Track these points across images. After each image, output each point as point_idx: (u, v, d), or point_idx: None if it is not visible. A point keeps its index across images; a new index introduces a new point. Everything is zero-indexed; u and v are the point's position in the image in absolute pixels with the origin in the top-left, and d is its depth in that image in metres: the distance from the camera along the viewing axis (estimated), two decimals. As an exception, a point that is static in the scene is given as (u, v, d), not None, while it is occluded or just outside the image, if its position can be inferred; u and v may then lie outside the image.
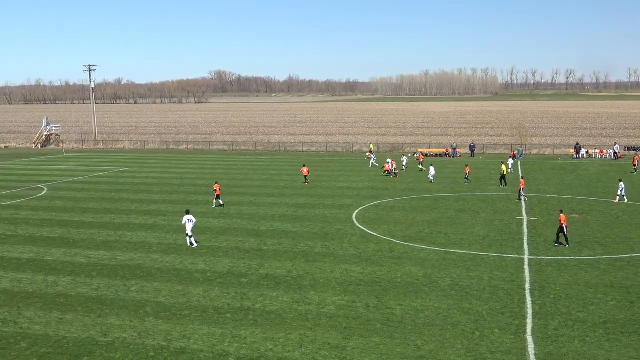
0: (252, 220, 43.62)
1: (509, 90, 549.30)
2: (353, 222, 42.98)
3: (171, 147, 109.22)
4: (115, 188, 59.93)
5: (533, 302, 26.48)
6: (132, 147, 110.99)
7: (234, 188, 58.68)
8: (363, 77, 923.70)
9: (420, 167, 71.47)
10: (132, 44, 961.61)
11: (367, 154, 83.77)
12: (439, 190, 55.88)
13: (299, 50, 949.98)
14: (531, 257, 33.56)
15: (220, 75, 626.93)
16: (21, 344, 22.90)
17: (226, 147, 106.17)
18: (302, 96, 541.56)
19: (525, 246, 35.84)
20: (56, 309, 26.49)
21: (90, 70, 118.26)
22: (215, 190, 49.30)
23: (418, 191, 55.44)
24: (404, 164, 71.05)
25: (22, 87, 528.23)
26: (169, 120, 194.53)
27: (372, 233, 39.53)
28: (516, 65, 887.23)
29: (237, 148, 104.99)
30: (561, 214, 36.04)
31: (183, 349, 22.22)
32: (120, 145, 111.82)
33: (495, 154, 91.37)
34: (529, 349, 21.80)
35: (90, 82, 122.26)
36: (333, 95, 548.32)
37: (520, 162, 79.62)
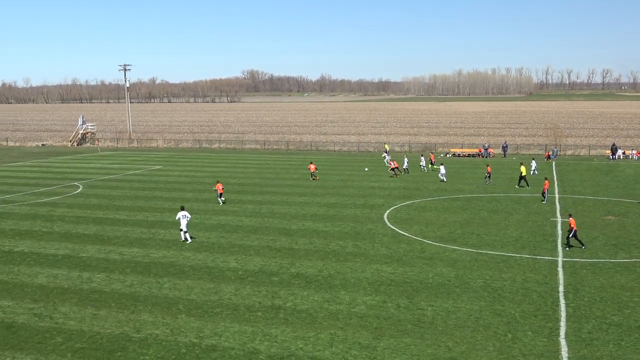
0: (284, 219, 43.77)
1: (544, 90, 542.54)
2: (384, 222, 42.87)
3: (204, 146, 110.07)
4: (149, 186, 60.63)
5: (567, 305, 26.13)
6: (165, 145, 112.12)
7: (266, 187, 58.94)
8: (395, 77, 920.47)
9: (432, 166, 71.23)
10: (167, 44, 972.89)
11: (383, 154, 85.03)
12: (471, 190, 55.44)
13: (331, 50, 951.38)
14: (565, 259, 33.11)
15: (252, 74, 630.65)
16: (56, 338, 23.31)
17: (258, 147, 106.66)
18: (334, 96, 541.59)
19: (559, 248, 35.37)
20: (90, 304, 26.91)
21: (125, 70, 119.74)
22: (218, 189, 50.34)
23: (450, 191, 55.06)
24: (405, 164, 71.25)
25: (59, 86, 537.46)
26: (202, 119, 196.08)
27: (403, 233, 39.38)
28: (551, 65, 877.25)
29: (269, 147, 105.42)
30: (570, 218, 35.55)
31: (214, 347, 22.40)
32: (154, 144, 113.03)
33: (530, 154, 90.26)
34: (562, 352, 21.51)
35: (125, 81, 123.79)
36: (365, 95, 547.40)
37: (555, 162, 78.58)
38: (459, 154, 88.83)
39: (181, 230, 37.92)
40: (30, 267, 32.59)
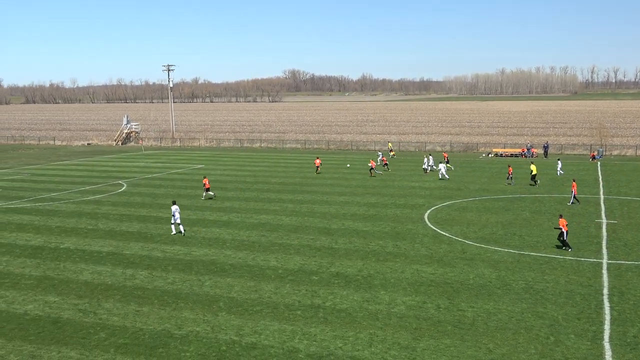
0: (324, 219, 43.84)
1: (589, 89, 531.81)
2: (425, 222, 42.60)
3: (245, 145, 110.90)
4: (191, 185, 61.35)
5: (611, 308, 25.60)
6: (207, 145, 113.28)
7: (306, 186, 59.11)
8: (437, 76, 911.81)
9: (448, 165, 70.38)
10: (209, 44, 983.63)
11: (392, 152, 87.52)
12: (514, 191, 54.71)
13: (372, 49, 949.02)
14: (610, 261, 32.44)
15: (294, 74, 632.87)
16: (100, 334, 23.77)
17: (299, 146, 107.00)
18: (375, 95, 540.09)
19: (604, 250, 34.66)
20: (133, 301, 27.36)
21: (168, 70, 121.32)
22: (205, 184, 52.61)
23: (492, 192, 54.44)
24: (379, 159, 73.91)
25: (105, 86, 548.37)
26: (244, 118, 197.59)
27: (444, 233, 39.09)
28: (597, 64, 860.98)
29: (310, 147, 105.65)
30: (560, 219, 35.00)
31: (254, 344, 22.57)
32: (196, 143, 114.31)
33: (574, 154, 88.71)
34: (606, 356, 21.10)
35: (169, 81, 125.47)
36: (406, 94, 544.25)
37: (600, 163, 77.01)
38: (501, 154, 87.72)
39: (177, 223, 39.84)
40: (75, 264, 33.30)
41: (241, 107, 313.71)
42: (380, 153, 77.94)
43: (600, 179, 62.60)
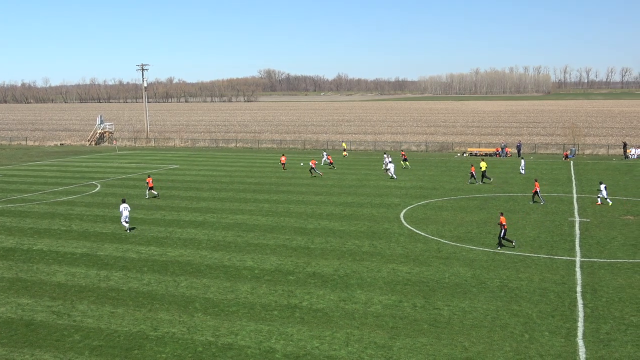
0: (300, 219, 43.82)
1: (562, 89, 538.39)
2: (401, 221, 42.78)
3: (221, 145, 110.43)
4: (166, 185, 60.94)
5: (584, 305, 25.94)
6: (182, 145, 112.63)
7: (282, 186, 59.03)
8: (412, 76, 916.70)
9: (405, 163, 72.19)
10: (184, 43, 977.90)
11: (343, 153, 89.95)
12: (488, 190, 55.17)
13: (347, 49, 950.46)
14: (583, 259, 32.85)
15: (269, 74, 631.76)
16: (74, 336, 23.51)
17: (275, 146, 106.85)
18: (351, 95, 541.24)
19: (577, 248, 35.10)
20: (108, 302, 27.11)
21: (142, 70, 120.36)
22: (148, 182, 53.50)
23: (467, 191, 54.84)
24: (323, 159, 75.51)
25: (78, 86, 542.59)
26: (219, 118, 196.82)
27: (419, 233, 39.29)
28: (569, 64, 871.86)
29: (286, 146, 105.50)
30: (501, 216, 35.44)
31: (230, 345, 22.49)
32: (171, 143, 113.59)
33: (547, 153, 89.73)
34: (579, 353, 21.36)
35: (143, 81, 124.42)
36: (382, 94, 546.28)
37: (573, 162, 77.98)
38: (475, 154, 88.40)
39: (125, 221, 40.59)
40: (48, 265, 32.89)
41: (216, 107, 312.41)
42: (325, 153, 78.27)
43: (573, 177, 63.39)
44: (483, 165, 59.89)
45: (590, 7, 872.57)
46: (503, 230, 34.95)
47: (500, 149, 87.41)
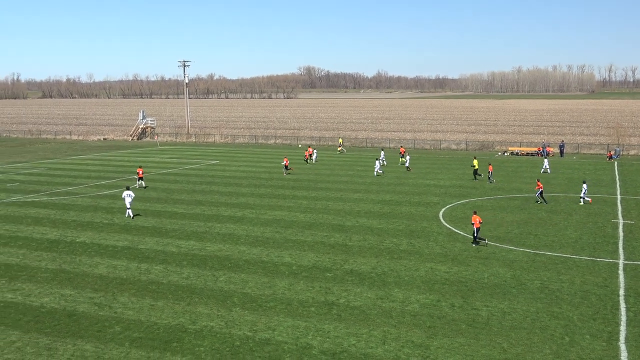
0: (338, 216, 43.82)
1: (607, 88, 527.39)
2: (440, 220, 42.48)
3: (260, 141, 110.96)
4: (206, 180, 61.55)
5: (627, 309, 25.42)
6: (222, 140, 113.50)
7: (320, 183, 59.10)
8: (453, 74, 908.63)
9: (402, 159, 73.07)
10: (225, 40, 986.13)
11: (338, 148, 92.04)
12: (529, 190, 54.39)
13: (388, 46, 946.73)
14: (627, 261, 32.18)
15: (309, 71, 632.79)
16: (115, 327, 23.94)
17: (313, 142, 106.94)
18: (390, 92, 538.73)
19: (621, 250, 34.40)
20: (148, 295, 27.52)
21: (184, 66, 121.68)
22: (139, 173, 56.76)
23: (507, 191, 54.17)
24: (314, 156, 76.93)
25: (121, 81, 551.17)
26: (258, 115, 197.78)
27: (458, 232, 38.96)
28: (614, 62, 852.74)
29: (324, 143, 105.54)
30: (474, 215, 35.71)
31: (268, 340, 22.62)
32: (211, 139, 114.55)
33: (591, 153, 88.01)
34: (621, 357, 20.96)
35: (184, 77, 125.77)
36: (422, 92, 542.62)
37: (618, 163, 76.37)
38: (516, 153, 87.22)
39: (127, 208, 43.40)
40: (91, 258, 33.53)
41: (256, 104, 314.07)
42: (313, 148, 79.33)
43: (617, 178, 62.09)
44: (475, 163, 61.62)
45: (636, 4, 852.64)
46: (475, 230, 35.38)
47: (541, 148, 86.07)
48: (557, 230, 39.25)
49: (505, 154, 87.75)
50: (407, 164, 69.11)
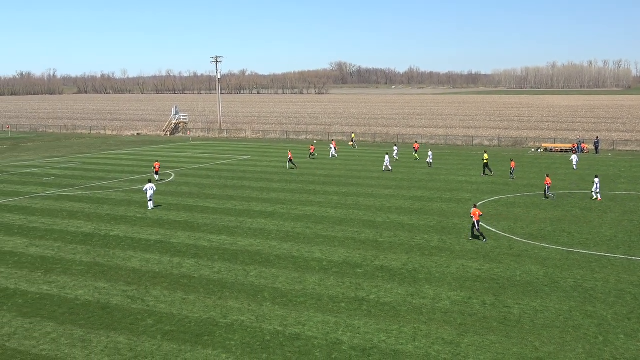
0: (369, 212, 43.75)
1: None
2: (471, 217, 42.07)
3: (291, 137, 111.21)
4: (238, 175, 61.92)
5: (664, 309, 24.95)
6: (254, 136, 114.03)
7: (352, 179, 59.05)
8: (486, 69, 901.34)
9: (415, 154, 75.10)
10: (257, 36, 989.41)
11: (350, 142, 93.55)
12: (563, 187, 53.68)
13: (420, 42, 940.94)
14: (663, 261, 31.57)
15: (340, 66, 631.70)
16: (147, 320, 24.24)
17: (344, 138, 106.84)
18: (422, 88, 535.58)
19: (657, 249, 33.76)
20: (180, 289, 27.81)
21: (216, 62, 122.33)
22: (155, 167, 57.79)
23: (541, 188, 53.46)
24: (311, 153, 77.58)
25: (154, 77, 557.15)
26: (290, 110, 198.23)
27: (490, 229, 38.61)
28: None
29: (356, 139, 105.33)
30: (474, 208, 35.68)
31: (298, 335, 22.71)
32: (243, 134, 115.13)
33: (627, 150, 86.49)
34: (657, 358, 20.57)
35: (217, 73, 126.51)
36: (454, 88, 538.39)
37: (654, 160, 74.91)
38: (550, 149, 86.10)
39: (148, 200, 45.05)
40: (124, 251, 33.99)
41: (288, 99, 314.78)
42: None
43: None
44: (485, 156, 62.01)
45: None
46: (476, 222, 35.41)
47: (576, 145, 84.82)
48: (592, 228, 38.69)
49: (539, 150, 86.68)
50: (429, 160, 68.74)
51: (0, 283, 28.79)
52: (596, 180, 48.01)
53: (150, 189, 45.23)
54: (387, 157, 65.33)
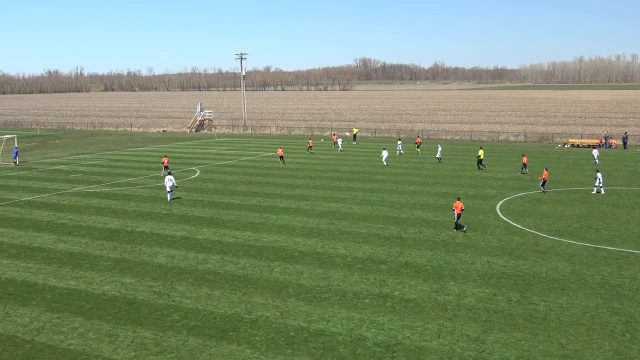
0: (393, 208, 43.65)
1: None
2: (497, 213, 41.86)
3: (316, 133, 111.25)
4: (262, 172, 62.13)
5: (693, 307, 24.58)
6: (278, 132, 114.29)
7: (376, 175, 58.95)
8: (512, 64, 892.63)
9: (418, 149, 76.09)
10: (281, 32, 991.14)
11: (346, 133, 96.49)
12: (590, 183, 53.04)
13: (444, 37, 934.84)
14: (693, 258, 31.08)
15: (365, 62, 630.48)
16: (173, 315, 24.47)
17: (369, 135, 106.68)
18: (447, 83, 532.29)
19: (687, 246, 33.24)
20: (205, 285, 28.02)
21: (241, 59, 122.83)
22: (164, 162, 59.60)
23: (567, 184, 52.95)
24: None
25: (179, 74, 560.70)
26: (314, 107, 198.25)
27: (516, 225, 38.32)
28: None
29: (380, 135, 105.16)
30: (457, 201, 36.49)
31: (322, 331, 22.76)
32: (267, 131, 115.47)
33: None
34: (686, 356, 20.29)
35: (242, 69, 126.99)
36: (479, 83, 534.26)
37: (684, 155, 73.72)
38: (577, 145, 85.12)
39: (168, 192, 46.92)
40: (150, 247, 34.33)
41: (312, 96, 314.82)
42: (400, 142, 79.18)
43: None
44: (481, 153, 62.26)
45: None
46: (456, 215, 36.28)
47: (604, 140, 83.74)
48: (619, 224, 38.21)
49: (566, 145, 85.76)
50: (438, 155, 69.04)
51: (29, 278, 29.26)
52: (598, 175, 48.18)
53: (169, 180, 47.12)
54: (384, 152, 66.54)
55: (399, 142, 77.69)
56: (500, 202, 45.25)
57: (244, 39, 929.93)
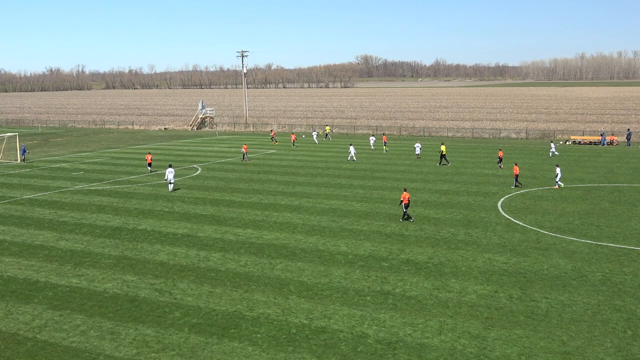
0: (394, 205, 43.65)
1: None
2: (498, 210, 41.85)
3: (317, 130, 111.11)
4: (263, 170, 62.14)
5: (694, 303, 24.57)
6: (280, 130, 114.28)
7: (377, 172, 58.95)
8: (513, 61, 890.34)
9: (385, 147, 77.33)
10: (282, 30, 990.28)
11: (321, 132, 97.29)
12: (591, 180, 53.03)
13: (446, 34, 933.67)
14: (694, 254, 31.06)
15: (366, 59, 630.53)
16: (175, 313, 24.50)
17: (370, 132, 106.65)
18: (449, 81, 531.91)
19: (688, 243, 33.22)
20: (207, 282, 28.05)
21: (242, 56, 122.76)
22: (147, 159, 60.74)
23: (569, 180, 52.92)
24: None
25: (181, 72, 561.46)
26: (316, 104, 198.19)
27: (517, 222, 38.32)
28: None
29: (381, 132, 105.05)
30: (404, 192, 38.62)
31: (323, 328, 22.79)
32: (268, 128, 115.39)
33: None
34: (687, 353, 20.29)
35: (243, 67, 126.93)
36: (481, 80, 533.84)
37: (686, 152, 73.63)
38: (579, 142, 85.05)
39: (170, 183, 49.39)
40: (152, 245, 34.36)
41: (313, 93, 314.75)
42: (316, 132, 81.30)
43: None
44: (443, 148, 63.60)
45: None
46: (404, 205, 38.25)
47: (600, 137, 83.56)
48: (621, 221, 38.19)
49: (567, 142, 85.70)
50: (417, 152, 69.60)
51: (31, 276, 29.31)
52: (557, 169, 49.29)
53: (169, 172, 49.50)
54: (352, 148, 67.80)
55: (371, 138, 79.55)
56: (502, 199, 45.24)
57: (245, 37, 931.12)
